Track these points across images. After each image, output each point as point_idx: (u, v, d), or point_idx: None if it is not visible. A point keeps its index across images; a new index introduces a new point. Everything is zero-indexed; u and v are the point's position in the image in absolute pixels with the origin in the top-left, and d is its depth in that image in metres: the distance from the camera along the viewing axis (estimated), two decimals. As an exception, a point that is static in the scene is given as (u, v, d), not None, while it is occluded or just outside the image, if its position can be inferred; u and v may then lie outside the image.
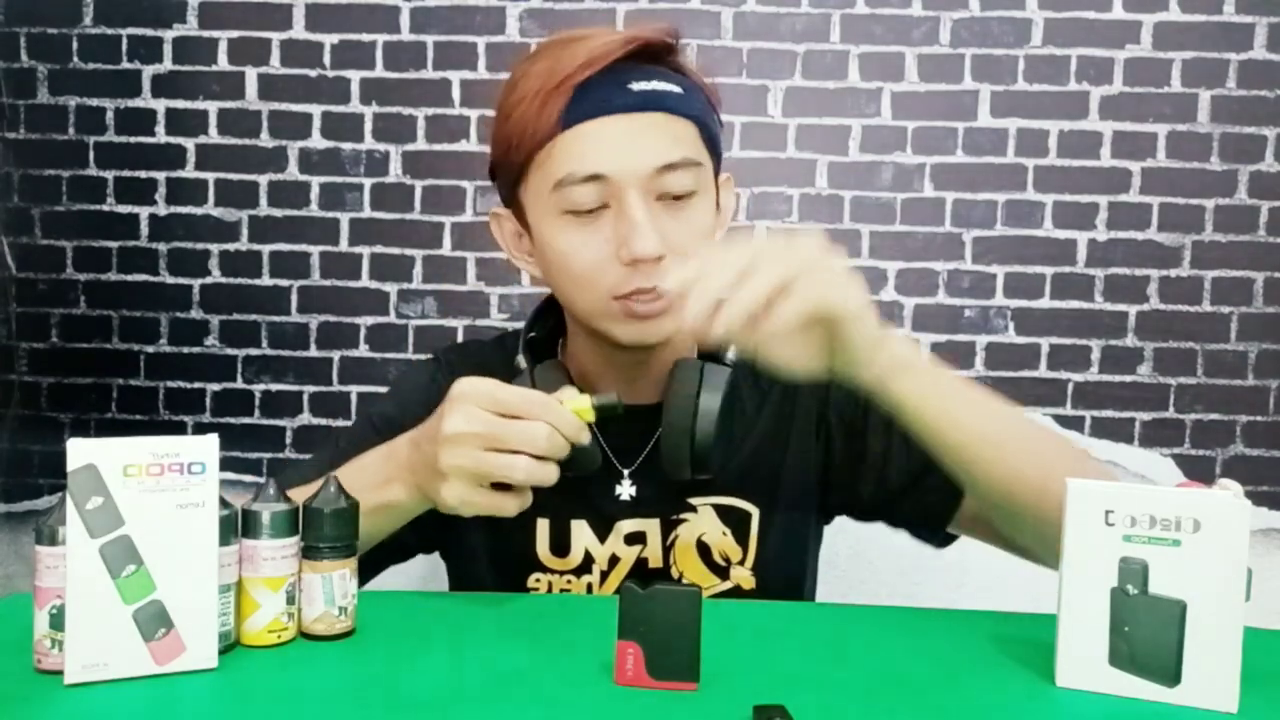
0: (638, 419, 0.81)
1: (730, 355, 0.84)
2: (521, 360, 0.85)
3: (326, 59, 1.57)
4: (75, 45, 1.58)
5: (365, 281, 1.58)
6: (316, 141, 1.58)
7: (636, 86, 0.79)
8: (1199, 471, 1.53)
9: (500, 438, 0.67)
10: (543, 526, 0.87)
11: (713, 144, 0.84)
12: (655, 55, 0.82)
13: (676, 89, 0.81)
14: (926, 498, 0.86)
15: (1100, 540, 0.55)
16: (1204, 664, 0.54)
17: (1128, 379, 1.55)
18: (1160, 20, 1.52)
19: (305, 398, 1.60)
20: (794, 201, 1.56)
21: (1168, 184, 1.54)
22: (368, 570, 0.84)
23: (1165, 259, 1.54)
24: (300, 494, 0.67)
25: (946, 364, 0.77)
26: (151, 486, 0.55)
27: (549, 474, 0.69)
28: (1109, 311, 1.55)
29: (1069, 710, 0.54)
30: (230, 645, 0.60)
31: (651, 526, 0.88)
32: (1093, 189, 1.54)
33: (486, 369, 0.95)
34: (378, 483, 0.75)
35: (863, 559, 1.57)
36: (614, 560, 0.88)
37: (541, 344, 0.90)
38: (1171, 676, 0.54)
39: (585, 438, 0.72)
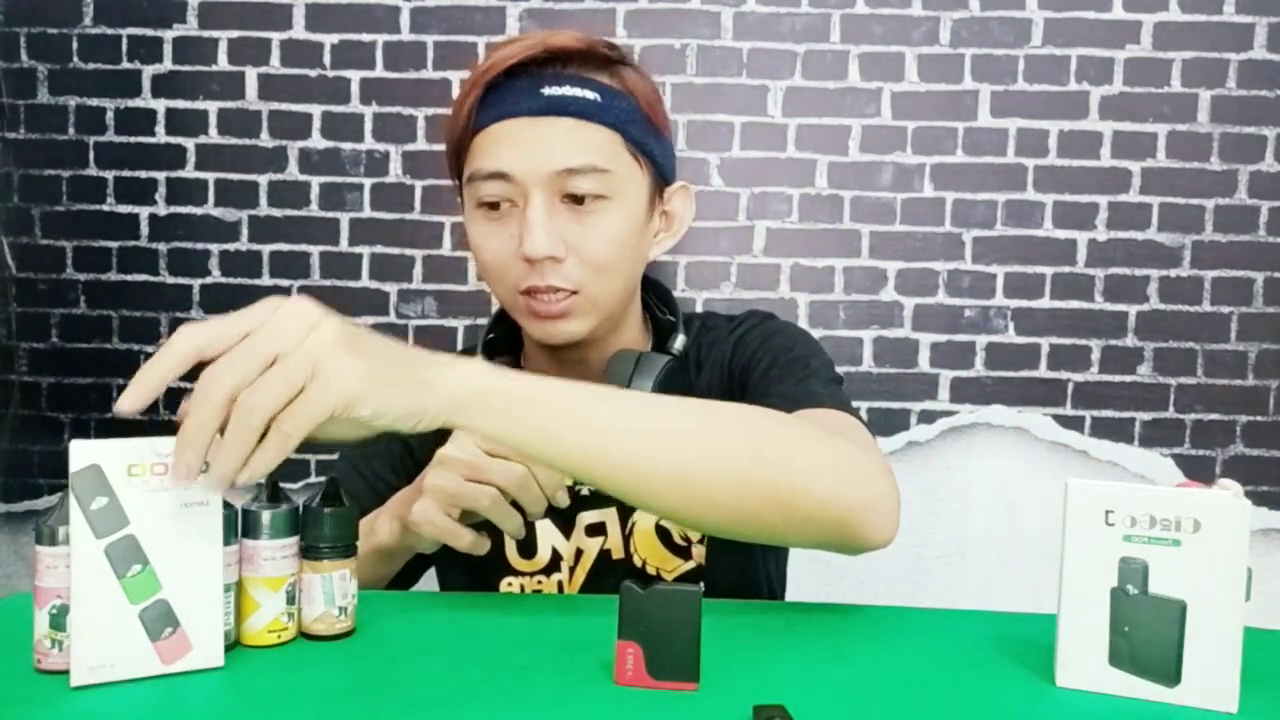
0: None
1: (677, 345, 0.87)
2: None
3: (326, 59, 1.57)
4: (75, 45, 1.58)
5: (365, 281, 1.58)
6: (316, 141, 1.58)
7: (548, 91, 0.81)
8: (1199, 471, 1.54)
9: (482, 469, 0.71)
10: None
11: (643, 151, 0.85)
12: (579, 61, 0.83)
13: (593, 95, 0.82)
14: None
15: (1100, 540, 0.55)
16: (1204, 664, 0.54)
17: (1128, 379, 1.55)
18: (1160, 20, 1.52)
19: (305, 398, 1.60)
20: (794, 201, 1.56)
21: (1168, 184, 1.54)
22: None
23: (1165, 259, 1.54)
24: None
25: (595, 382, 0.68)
26: (156, 486, 0.55)
27: (515, 521, 0.73)
28: (1109, 311, 1.55)
29: (1069, 710, 0.54)
30: (230, 645, 0.60)
31: (609, 515, 0.89)
32: (1093, 189, 1.54)
33: None
34: (367, 529, 0.79)
35: (862, 559, 1.57)
36: (578, 554, 0.89)
37: (499, 345, 0.93)
38: (1171, 676, 0.54)
39: (563, 500, 0.74)
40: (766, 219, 1.56)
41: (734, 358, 0.91)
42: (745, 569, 0.92)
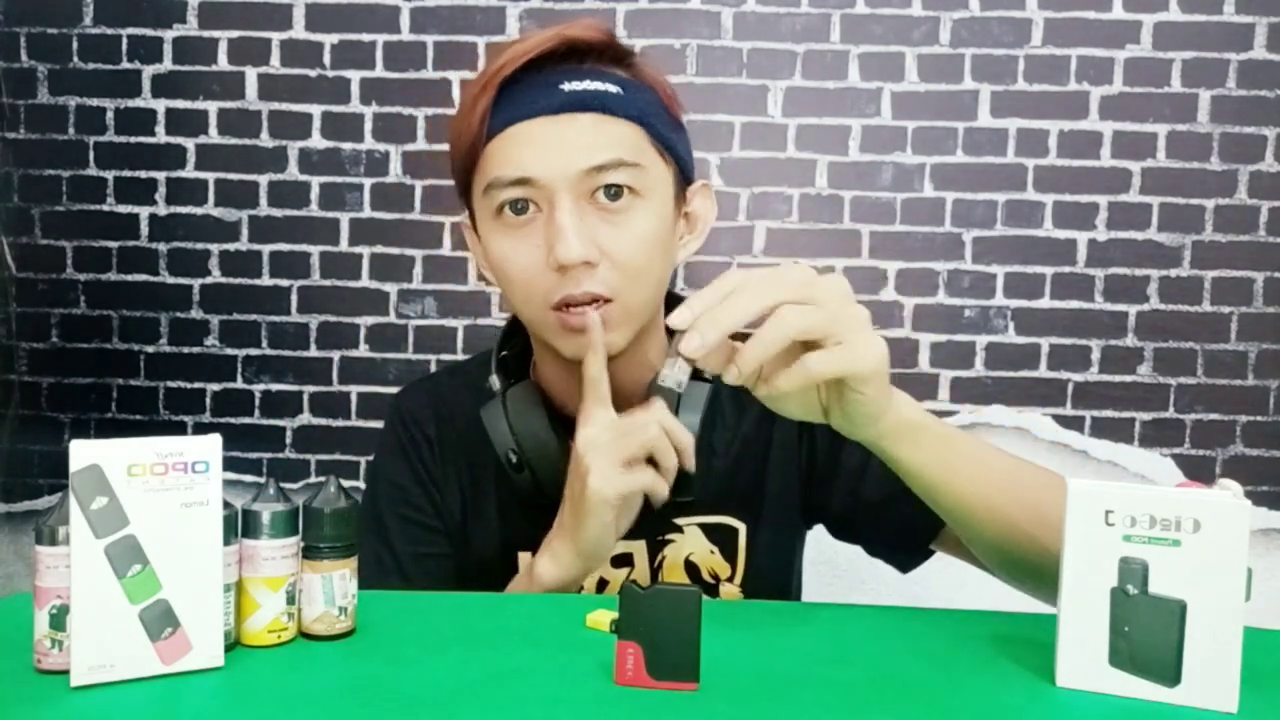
0: None
1: (709, 372, 0.83)
2: (495, 381, 0.83)
3: (326, 59, 1.57)
4: (75, 45, 1.58)
5: (365, 281, 1.58)
6: (316, 141, 1.58)
7: (567, 86, 0.76)
8: (1199, 471, 1.54)
9: (624, 428, 0.74)
10: (525, 560, 0.86)
11: (667, 146, 0.81)
12: (596, 55, 0.79)
13: (614, 89, 0.77)
14: (903, 517, 0.82)
15: (1100, 540, 0.55)
16: (1204, 664, 0.54)
17: (1128, 379, 1.55)
18: (1160, 20, 1.52)
19: (305, 398, 1.60)
20: (794, 201, 1.56)
21: (1168, 184, 1.54)
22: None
23: (1165, 259, 1.54)
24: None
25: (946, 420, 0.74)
26: (156, 486, 0.55)
27: (670, 453, 0.74)
28: (1109, 311, 1.55)
29: (1069, 710, 0.54)
30: (230, 645, 0.60)
31: (638, 548, 0.86)
32: (1093, 189, 1.54)
33: (440, 399, 0.93)
34: (524, 579, 0.79)
35: (863, 559, 1.56)
36: (602, 584, 0.87)
37: (512, 363, 0.88)
38: (1171, 676, 0.54)
39: (675, 461, 0.75)
40: (766, 219, 1.56)
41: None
42: (778, 596, 0.90)
